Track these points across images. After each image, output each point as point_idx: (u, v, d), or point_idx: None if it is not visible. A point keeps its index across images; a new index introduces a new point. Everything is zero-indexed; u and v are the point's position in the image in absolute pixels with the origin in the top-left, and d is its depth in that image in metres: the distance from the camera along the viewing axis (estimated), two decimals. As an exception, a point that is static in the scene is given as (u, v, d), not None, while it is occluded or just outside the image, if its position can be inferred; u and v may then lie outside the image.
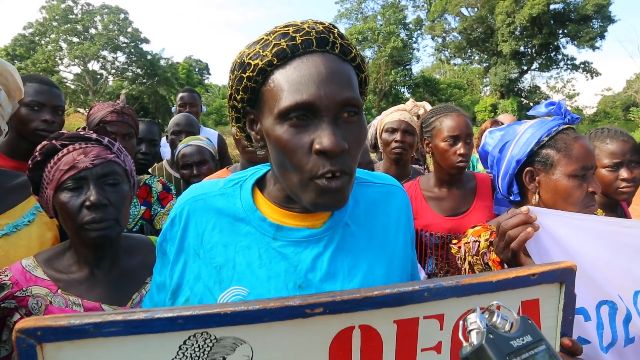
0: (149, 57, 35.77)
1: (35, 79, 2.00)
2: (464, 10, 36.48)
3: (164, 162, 3.25)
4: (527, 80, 39.00)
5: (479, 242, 1.44)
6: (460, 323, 0.68)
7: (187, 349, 0.70)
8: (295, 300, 0.71)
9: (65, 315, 0.66)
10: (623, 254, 1.23)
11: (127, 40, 35.55)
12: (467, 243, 1.49)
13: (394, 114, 2.61)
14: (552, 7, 32.49)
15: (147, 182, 2.36)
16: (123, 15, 35.15)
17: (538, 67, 37.20)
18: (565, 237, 1.21)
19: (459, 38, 38.09)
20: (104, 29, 34.73)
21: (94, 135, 1.36)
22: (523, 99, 36.01)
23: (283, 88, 0.82)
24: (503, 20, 32.42)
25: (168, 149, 3.34)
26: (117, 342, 0.68)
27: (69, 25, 33.94)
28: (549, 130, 1.45)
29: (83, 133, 1.36)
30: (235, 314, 0.69)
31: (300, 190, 0.84)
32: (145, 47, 36.54)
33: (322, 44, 0.83)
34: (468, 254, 1.47)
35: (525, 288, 0.84)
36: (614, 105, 40.99)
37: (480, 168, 4.29)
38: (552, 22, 33.44)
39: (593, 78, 37.25)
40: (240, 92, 0.89)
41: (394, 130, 2.55)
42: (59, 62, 34.40)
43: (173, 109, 4.36)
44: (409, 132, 2.55)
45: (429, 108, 2.58)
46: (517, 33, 33.36)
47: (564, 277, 0.85)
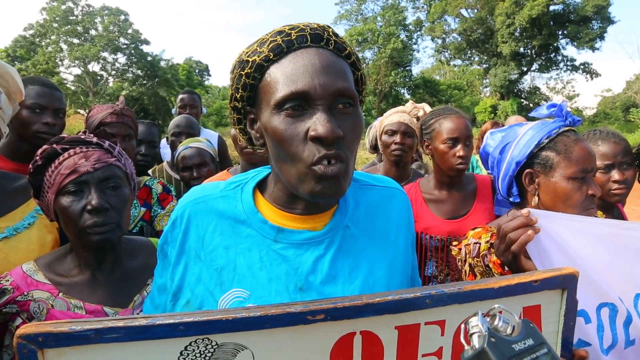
0: (149, 58, 35.79)
1: (37, 82, 1.99)
2: (464, 12, 36.52)
3: (164, 163, 3.25)
4: (527, 82, 39.05)
5: (480, 244, 1.44)
6: (462, 326, 0.68)
7: (188, 355, 0.70)
8: (297, 307, 0.71)
9: (67, 321, 0.66)
10: (624, 257, 1.23)
11: (127, 42, 35.58)
12: (467, 245, 1.48)
13: (394, 116, 2.61)
14: (551, 8, 32.51)
15: (147, 183, 2.36)
16: (123, 17, 35.19)
17: (538, 68, 37.20)
18: (566, 239, 1.21)
19: (459, 39, 38.11)
20: (105, 31, 34.77)
21: (95, 139, 1.36)
22: (523, 100, 36.01)
23: (279, 80, 0.84)
24: (503, 22, 32.43)
25: (168, 151, 3.34)
26: (118, 348, 0.67)
27: (70, 27, 33.97)
28: (549, 132, 1.45)
29: (84, 137, 1.36)
30: (237, 320, 0.69)
31: (298, 181, 0.84)
32: (146, 48, 36.58)
33: (316, 40, 0.86)
34: (468, 256, 1.47)
35: (527, 294, 0.83)
36: (614, 106, 41.00)
37: (481, 169, 4.29)
38: (551, 23, 33.46)
39: (593, 79, 37.25)
40: (240, 90, 0.91)
41: (394, 132, 2.55)
42: (60, 63, 34.44)
43: (173, 111, 4.37)
44: (409, 134, 2.55)
45: (429, 110, 2.58)
46: (516, 34, 33.37)
47: (566, 283, 0.85)
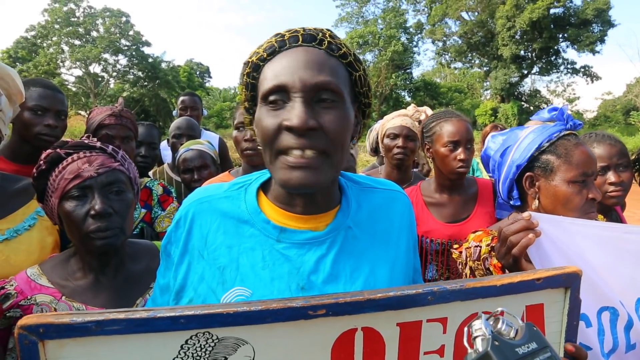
0: (150, 60, 35.88)
1: (39, 84, 2.00)
2: (465, 15, 36.54)
3: (165, 165, 3.26)
4: (527, 84, 39.04)
5: (480, 247, 1.44)
6: (465, 329, 0.68)
7: (188, 349, 0.70)
8: (298, 302, 0.71)
9: (68, 313, 0.67)
10: (625, 261, 1.23)
11: (128, 43, 35.67)
12: (468, 248, 1.49)
13: (396, 120, 2.62)
14: (552, 11, 32.50)
15: (147, 185, 2.37)
16: (125, 19, 35.27)
17: (538, 71, 37.17)
18: (567, 243, 1.21)
19: (460, 42, 38.09)
20: (106, 32, 34.86)
21: (98, 144, 1.37)
22: (523, 103, 36.00)
23: (267, 77, 0.88)
24: (503, 25, 32.43)
25: (169, 153, 3.35)
26: (119, 340, 0.68)
27: (71, 28, 34.07)
28: (550, 136, 1.45)
29: (87, 141, 1.37)
30: (238, 315, 0.69)
31: (273, 169, 0.87)
32: (147, 50, 36.71)
33: (308, 40, 0.89)
34: (469, 259, 1.47)
35: (530, 292, 0.83)
36: (614, 109, 40.99)
37: (482, 172, 4.28)
38: (552, 26, 33.44)
39: (593, 82, 37.24)
40: (244, 90, 0.96)
41: (396, 136, 2.57)
42: (61, 64, 34.53)
43: (174, 113, 4.38)
44: (411, 137, 2.56)
45: (430, 113, 2.59)
46: (517, 37, 33.36)
47: (570, 282, 0.85)
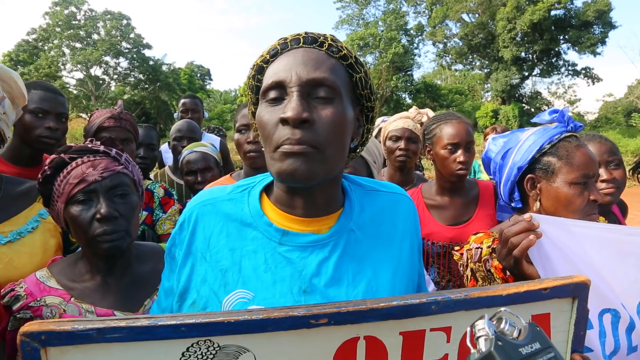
0: (151, 62, 35.93)
1: (40, 86, 2.00)
2: (465, 16, 36.54)
3: (166, 167, 3.26)
4: (528, 86, 38.96)
5: (481, 249, 1.44)
6: (468, 329, 0.67)
7: (189, 356, 0.70)
8: (300, 311, 0.71)
9: (69, 320, 0.67)
10: (628, 263, 1.22)
11: (129, 46, 35.74)
12: (469, 250, 1.48)
13: (398, 122, 2.62)
14: (552, 13, 32.47)
15: (149, 187, 2.37)
16: (125, 21, 35.35)
17: (539, 73, 37.12)
18: (568, 244, 1.20)
19: (460, 44, 38.08)
20: (107, 35, 34.93)
21: (102, 148, 1.38)
22: (524, 105, 35.94)
23: (267, 76, 0.91)
24: (504, 26, 32.42)
25: (170, 155, 3.35)
26: (120, 348, 0.68)
27: (72, 31, 34.12)
28: (551, 138, 1.45)
29: (91, 145, 1.38)
30: (239, 323, 0.69)
31: (270, 163, 0.88)
32: (148, 52, 36.77)
33: (309, 42, 0.91)
34: (470, 261, 1.47)
35: (536, 302, 0.82)
36: (616, 111, 40.93)
37: (483, 174, 4.28)
38: (553, 28, 33.40)
39: (594, 84, 37.18)
40: (250, 93, 0.99)
41: (398, 138, 2.57)
42: (62, 67, 34.60)
43: (175, 115, 4.39)
44: (413, 139, 2.57)
45: (432, 115, 2.59)
46: (518, 39, 33.33)
47: (577, 291, 0.83)
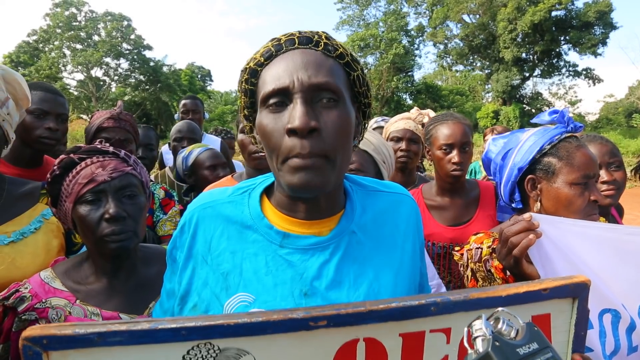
0: (152, 63, 35.92)
1: (40, 87, 2.00)
2: (466, 17, 36.52)
3: (167, 168, 3.26)
4: (529, 87, 38.85)
5: (482, 249, 1.44)
6: (465, 329, 0.67)
7: (190, 359, 0.70)
8: (299, 313, 0.71)
9: (71, 324, 0.67)
10: (629, 263, 1.22)
11: (130, 47, 35.74)
12: (469, 250, 1.48)
13: (399, 123, 2.62)
14: (553, 13, 32.41)
15: (149, 188, 2.37)
16: (126, 22, 35.37)
17: (540, 73, 37.05)
18: (568, 244, 1.21)
19: (461, 45, 38.06)
20: (107, 36, 34.94)
21: (111, 149, 1.39)
22: (525, 106, 35.88)
23: (266, 81, 0.88)
24: (505, 27, 32.38)
25: (170, 156, 3.36)
26: (121, 351, 0.68)
27: (73, 32, 34.14)
28: (552, 139, 1.45)
29: (100, 146, 1.39)
30: (239, 326, 0.69)
31: (278, 173, 0.86)
32: (148, 53, 36.77)
33: (304, 42, 0.89)
34: (470, 261, 1.47)
35: (536, 303, 0.82)
36: (616, 112, 40.87)
37: (483, 174, 4.26)
38: (553, 28, 33.37)
39: (595, 84, 37.11)
40: (243, 97, 0.95)
41: (399, 139, 2.57)
42: (63, 68, 34.61)
43: (176, 116, 4.40)
44: (414, 140, 2.57)
45: (433, 116, 2.59)
46: (518, 40, 33.30)
47: (577, 292, 0.83)
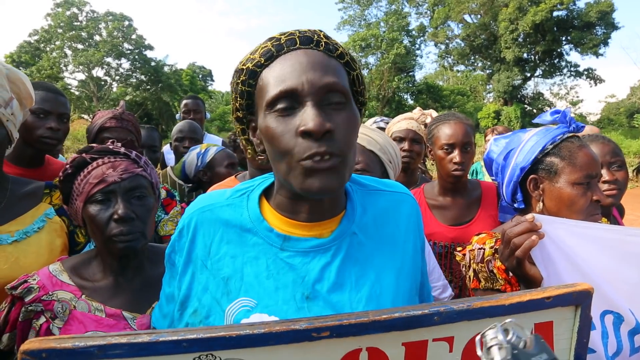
0: (153, 63, 35.97)
1: (42, 87, 2.00)
2: (467, 17, 36.49)
3: (168, 168, 3.26)
4: (530, 87, 38.76)
5: (484, 249, 1.44)
6: (477, 339, 0.66)
7: None
8: (302, 324, 0.70)
9: (70, 337, 0.66)
10: (630, 264, 1.22)
11: (131, 47, 35.78)
12: (471, 250, 1.48)
13: (402, 123, 2.63)
14: (555, 14, 32.36)
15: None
16: (127, 22, 35.40)
17: (541, 73, 36.98)
18: (570, 245, 1.20)
19: (462, 45, 38.00)
20: (109, 36, 34.97)
21: (122, 149, 1.40)
22: (526, 106, 35.84)
23: (269, 82, 0.85)
24: (506, 27, 32.33)
25: (172, 156, 3.36)
26: None
27: (74, 32, 34.19)
28: (554, 138, 1.45)
29: (112, 147, 1.40)
30: (241, 337, 0.68)
31: (290, 176, 0.84)
32: (149, 53, 36.82)
33: (305, 42, 0.87)
34: (473, 262, 1.47)
35: (539, 311, 0.81)
36: (618, 112, 40.82)
37: (485, 175, 4.26)
38: (555, 29, 33.32)
39: (597, 85, 37.07)
40: (239, 98, 0.93)
41: (402, 139, 2.58)
42: (64, 68, 34.68)
43: (177, 116, 4.40)
44: (417, 140, 2.57)
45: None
46: (520, 40, 33.26)
47: (580, 299, 0.82)
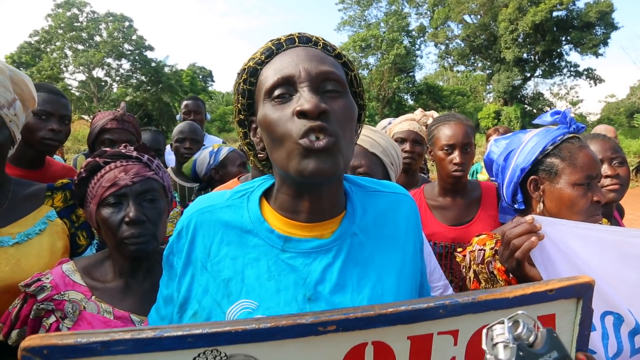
0: (153, 64, 35.93)
1: (44, 88, 2.00)
2: (467, 18, 36.48)
3: (169, 169, 3.27)
4: (530, 87, 38.74)
5: (484, 250, 1.44)
6: (484, 332, 0.66)
7: None
8: (308, 318, 0.70)
9: (72, 333, 0.66)
10: (630, 265, 1.22)
11: (131, 48, 35.76)
12: (472, 252, 1.48)
13: (403, 124, 2.63)
14: (554, 14, 32.35)
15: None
16: (128, 23, 35.38)
17: (541, 73, 36.96)
18: (571, 246, 1.20)
19: (462, 45, 38.00)
20: (109, 37, 34.94)
21: (135, 153, 1.43)
22: (526, 106, 35.82)
23: (268, 75, 0.89)
24: (506, 28, 32.33)
25: (172, 157, 3.36)
26: None
27: (74, 33, 34.18)
28: (554, 139, 1.45)
29: (124, 151, 1.42)
30: (246, 332, 0.68)
31: (288, 161, 0.84)
32: (150, 54, 36.74)
33: (304, 41, 0.93)
34: (473, 263, 1.47)
35: (542, 303, 0.82)
36: (618, 112, 40.78)
37: (485, 176, 4.26)
38: (555, 29, 33.31)
39: (596, 85, 37.05)
40: (240, 98, 0.95)
41: (403, 140, 2.58)
42: (64, 69, 34.63)
43: (178, 117, 4.41)
44: (418, 141, 2.58)
45: (437, 117, 2.59)
46: (520, 40, 33.25)
47: (582, 292, 0.83)
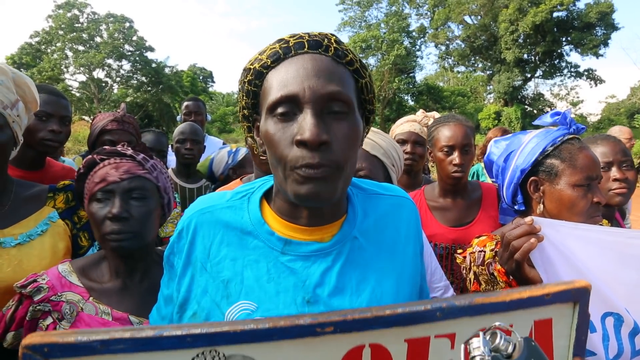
0: (154, 65, 35.99)
1: (44, 90, 2.01)
2: (467, 18, 36.51)
3: (169, 170, 3.27)
4: (530, 88, 38.75)
5: (484, 252, 1.44)
6: (462, 347, 0.66)
7: None
8: (306, 319, 0.70)
9: (73, 332, 0.66)
10: (630, 266, 1.22)
11: (132, 49, 35.81)
12: (472, 253, 1.48)
13: (405, 125, 2.63)
14: (555, 14, 32.37)
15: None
16: (128, 24, 35.43)
17: (542, 74, 36.96)
18: (570, 247, 1.20)
19: (463, 46, 38.02)
20: (110, 38, 35.00)
21: (130, 152, 1.43)
22: (527, 107, 35.82)
23: (273, 86, 0.84)
24: (506, 28, 32.34)
25: (173, 158, 3.37)
26: (124, 359, 0.67)
27: (75, 34, 34.25)
28: (554, 140, 1.45)
29: (121, 149, 1.42)
30: (245, 333, 0.68)
31: (284, 183, 0.83)
32: (150, 55, 36.80)
33: (314, 46, 0.86)
34: (473, 264, 1.47)
35: (539, 307, 0.82)
36: (618, 113, 40.76)
37: (486, 177, 4.26)
38: (555, 29, 33.33)
39: (597, 85, 36.98)
40: (245, 97, 0.93)
41: (405, 142, 2.58)
42: (65, 70, 34.71)
43: (178, 118, 4.41)
44: (419, 143, 2.58)
45: (438, 118, 2.60)
46: (520, 41, 33.27)
47: (578, 296, 0.83)
